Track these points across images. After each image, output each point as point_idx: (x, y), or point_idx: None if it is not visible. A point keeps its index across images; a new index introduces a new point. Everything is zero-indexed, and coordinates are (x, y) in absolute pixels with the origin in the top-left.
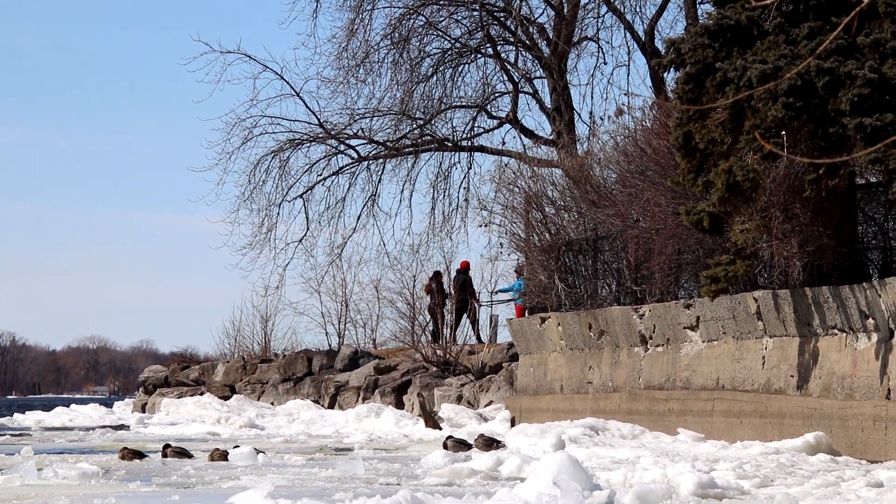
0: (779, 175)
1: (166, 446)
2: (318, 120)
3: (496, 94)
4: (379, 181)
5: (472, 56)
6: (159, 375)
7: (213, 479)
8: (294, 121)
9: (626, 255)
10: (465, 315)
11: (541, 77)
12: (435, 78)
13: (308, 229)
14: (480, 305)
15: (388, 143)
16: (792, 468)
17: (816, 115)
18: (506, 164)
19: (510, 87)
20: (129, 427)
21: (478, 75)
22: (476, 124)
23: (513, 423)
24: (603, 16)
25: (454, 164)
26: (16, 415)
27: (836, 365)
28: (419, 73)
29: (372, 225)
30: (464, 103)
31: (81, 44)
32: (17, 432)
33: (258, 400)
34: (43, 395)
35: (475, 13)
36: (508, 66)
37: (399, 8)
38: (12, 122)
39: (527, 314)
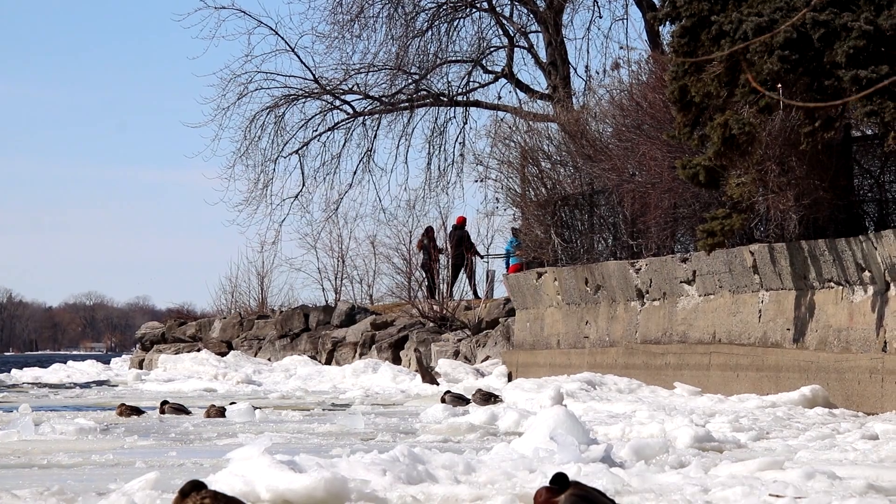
0: (774, 128)
1: (164, 402)
2: (314, 75)
3: (491, 49)
4: (374, 136)
5: (468, 10)
6: (156, 332)
7: (210, 435)
8: (289, 76)
9: (622, 210)
10: (461, 270)
11: (536, 31)
12: (430, 32)
13: (304, 185)
14: (481, 258)
15: (383, 99)
16: (788, 421)
17: (812, 67)
18: (501, 119)
19: (505, 41)
20: (126, 383)
21: (473, 29)
22: (471, 79)
23: (510, 378)
24: None
25: (450, 118)
26: (13, 371)
27: (832, 318)
28: (414, 28)
29: (368, 180)
30: (459, 58)
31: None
32: (15, 389)
33: (255, 356)
34: (40, 352)
35: None
36: (504, 20)
37: None
38: (6, 77)
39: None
